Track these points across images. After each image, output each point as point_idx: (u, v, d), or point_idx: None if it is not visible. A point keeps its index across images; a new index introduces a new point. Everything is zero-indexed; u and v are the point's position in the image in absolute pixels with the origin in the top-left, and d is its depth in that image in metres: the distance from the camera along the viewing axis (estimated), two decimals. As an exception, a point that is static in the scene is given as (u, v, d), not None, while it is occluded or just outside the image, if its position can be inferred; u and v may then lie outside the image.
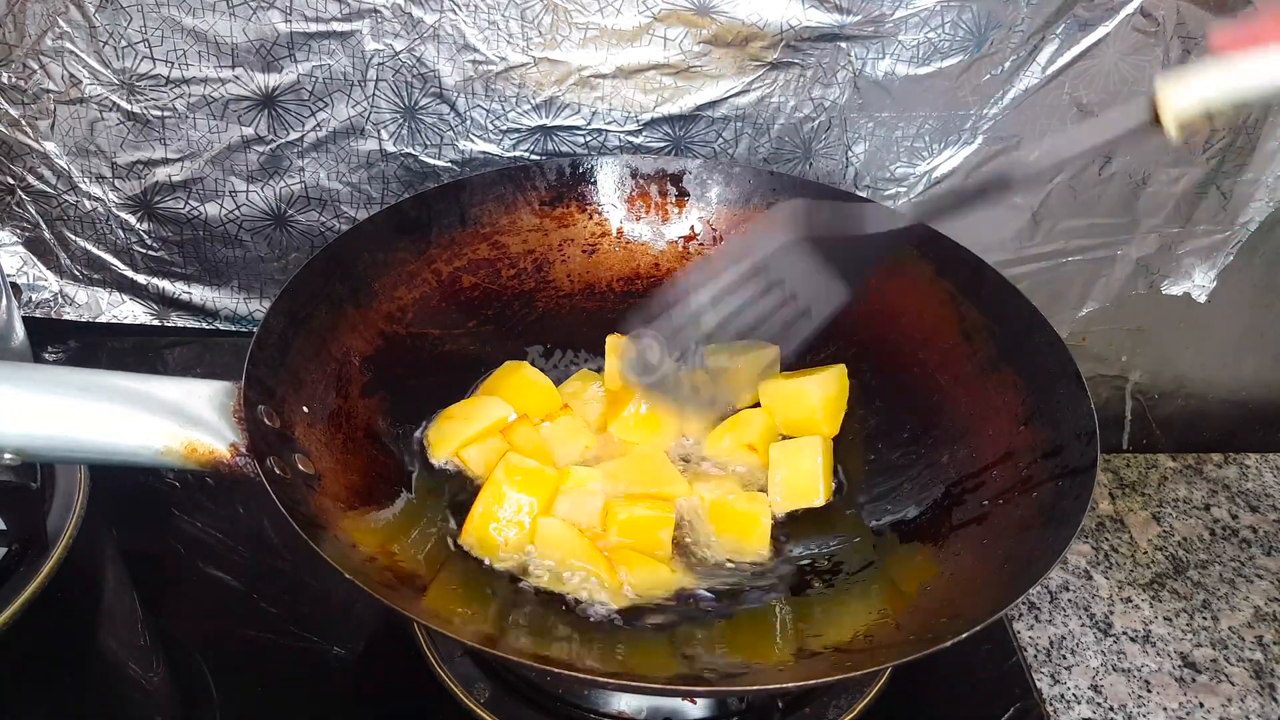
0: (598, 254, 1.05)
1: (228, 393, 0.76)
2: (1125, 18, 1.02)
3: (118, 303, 1.15)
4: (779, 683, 0.76)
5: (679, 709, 0.82)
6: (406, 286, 0.96)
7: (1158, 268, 1.20)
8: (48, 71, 1.00)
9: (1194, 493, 1.12)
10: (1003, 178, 0.75)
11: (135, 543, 0.96)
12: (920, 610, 0.77)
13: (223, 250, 1.13)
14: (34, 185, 1.07)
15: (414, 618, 0.70)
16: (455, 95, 1.04)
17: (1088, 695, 0.91)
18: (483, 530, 0.84)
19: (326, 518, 0.76)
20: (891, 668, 0.81)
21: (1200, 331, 1.25)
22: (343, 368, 0.89)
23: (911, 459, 0.92)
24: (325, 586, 0.92)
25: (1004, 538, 0.80)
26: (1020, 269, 1.17)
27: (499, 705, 0.82)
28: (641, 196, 1.05)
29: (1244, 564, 1.04)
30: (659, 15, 1.00)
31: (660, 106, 1.06)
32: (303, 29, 0.99)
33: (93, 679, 0.85)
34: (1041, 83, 1.05)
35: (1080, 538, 1.04)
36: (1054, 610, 0.98)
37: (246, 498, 0.98)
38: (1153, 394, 1.30)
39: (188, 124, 1.04)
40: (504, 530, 0.84)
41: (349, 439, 0.85)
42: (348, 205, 1.11)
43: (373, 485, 0.84)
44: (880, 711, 0.84)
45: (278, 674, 0.86)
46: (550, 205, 1.04)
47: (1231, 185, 1.14)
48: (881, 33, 1.02)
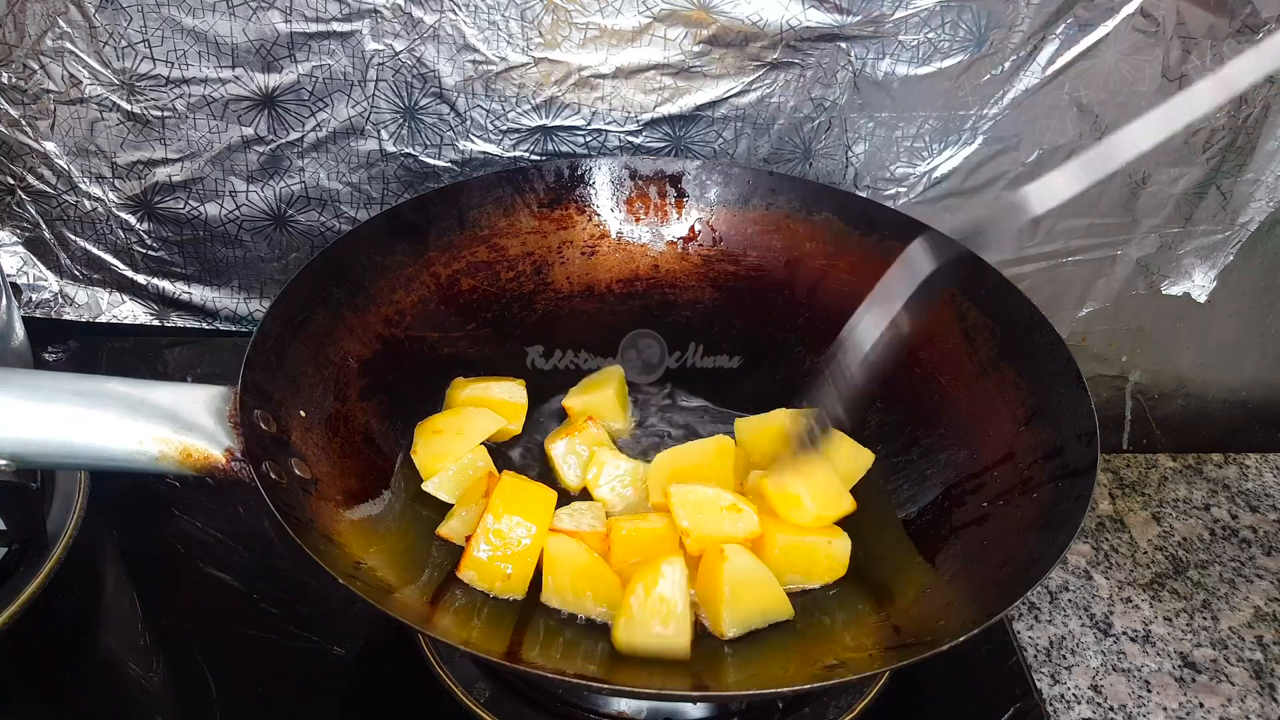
0: (597, 256, 1.05)
1: (223, 397, 0.76)
2: (1125, 18, 1.02)
3: (118, 303, 1.15)
4: (779, 686, 0.76)
5: (679, 709, 0.82)
6: (404, 290, 0.96)
7: (1158, 268, 1.20)
8: (48, 71, 1.00)
9: (1194, 493, 1.12)
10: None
11: (135, 543, 0.96)
12: (920, 612, 0.77)
13: (223, 250, 1.13)
14: (34, 185, 1.07)
15: (415, 626, 0.70)
16: (455, 95, 1.04)
17: (1088, 695, 0.91)
18: (483, 565, 0.80)
19: (324, 522, 0.76)
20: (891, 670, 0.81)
21: (1200, 331, 1.25)
22: (340, 371, 0.89)
23: (911, 459, 0.91)
24: (325, 586, 0.92)
25: (1004, 539, 0.79)
26: (1020, 269, 1.17)
27: (499, 705, 0.82)
28: (640, 198, 1.05)
29: (1244, 564, 1.04)
30: (659, 15, 1.00)
31: (660, 107, 1.06)
32: (303, 29, 0.99)
33: (93, 679, 0.85)
34: (1041, 83, 1.05)
35: (1080, 538, 1.04)
36: (1054, 610, 0.98)
37: (246, 498, 0.98)
38: (1153, 394, 1.30)
39: (188, 124, 1.04)
40: (504, 562, 0.79)
41: (346, 443, 0.85)
42: (348, 205, 1.11)
43: (370, 489, 0.84)
44: (880, 711, 0.84)
45: (278, 674, 0.86)
46: (549, 207, 1.04)
47: (1231, 185, 1.14)
48: (881, 33, 1.02)
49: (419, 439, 0.90)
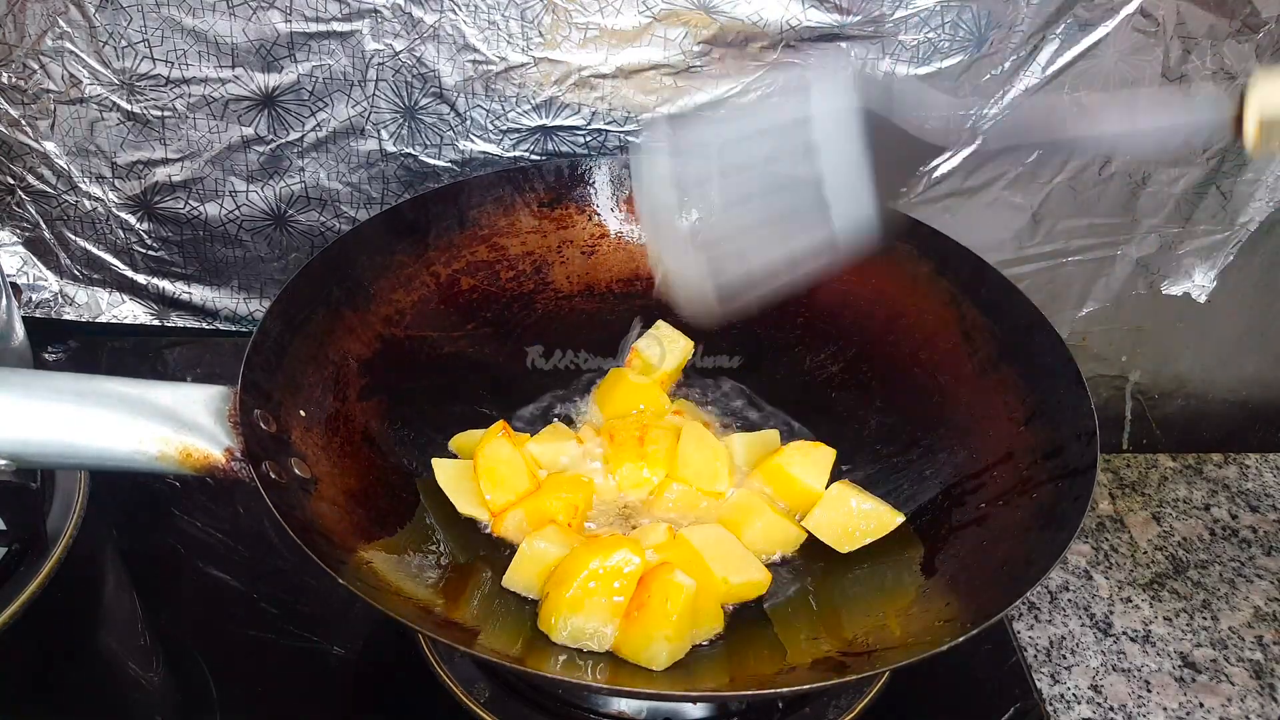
0: (597, 255, 1.05)
1: (223, 397, 0.76)
2: (1125, 18, 1.02)
3: (118, 303, 1.15)
4: (778, 687, 0.76)
5: (679, 710, 0.82)
6: (404, 289, 0.96)
7: (1158, 268, 1.20)
8: (48, 71, 1.00)
9: (1194, 493, 1.12)
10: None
11: (135, 543, 0.96)
12: (920, 612, 0.77)
13: (223, 250, 1.13)
14: (34, 185, 1.07)
15: (420, 629, 0.70)
16: (455, 95, 1.04)
17: (1088, 695, 0.91)
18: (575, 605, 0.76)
19: (325, 522, 0.76)
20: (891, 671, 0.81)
21: (1200, 331, 1.25)
22: (340, 371, 0.89)
23: (911, 460, 0.91)
24: (325, 586, 0.91)
25: (1004, 539, 0.80)
26: (1020, 269, 1.17)
27: (499, 705, 0.82)
28: (641, 197, 1.05)
29: (1244, 564, 1.04)
30: (659, 15, 1.00)
31: (660, 107, 1.06)
32: (303, 29, 0.99)
33: (93, 679, 0.85)
34: (1041, 83, 1.05)
35: (1080, 538, 1.04)
36: (1054, 610, 0.98)
37: (246, 498, 0.98)
38: (1153, 394, 1.30)
39: (188, 124, 1.04)
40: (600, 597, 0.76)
41: (346, 442, 0.85)
42: (348, 205, 1.11)
43: (370, 489, 0.84)
44: (880, 711, 0.84)
45: (278, 674, 0.86)
46: (549, 207, 1.04)
47: (1231, 185, 1.14)
48: (881, 33, 1.02)
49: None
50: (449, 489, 0.86)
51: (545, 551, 0.79)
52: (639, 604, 0.74)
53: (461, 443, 0.92)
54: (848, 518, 0.85)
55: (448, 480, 0.86)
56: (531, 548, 0.80)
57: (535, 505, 0.84)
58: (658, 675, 0.73)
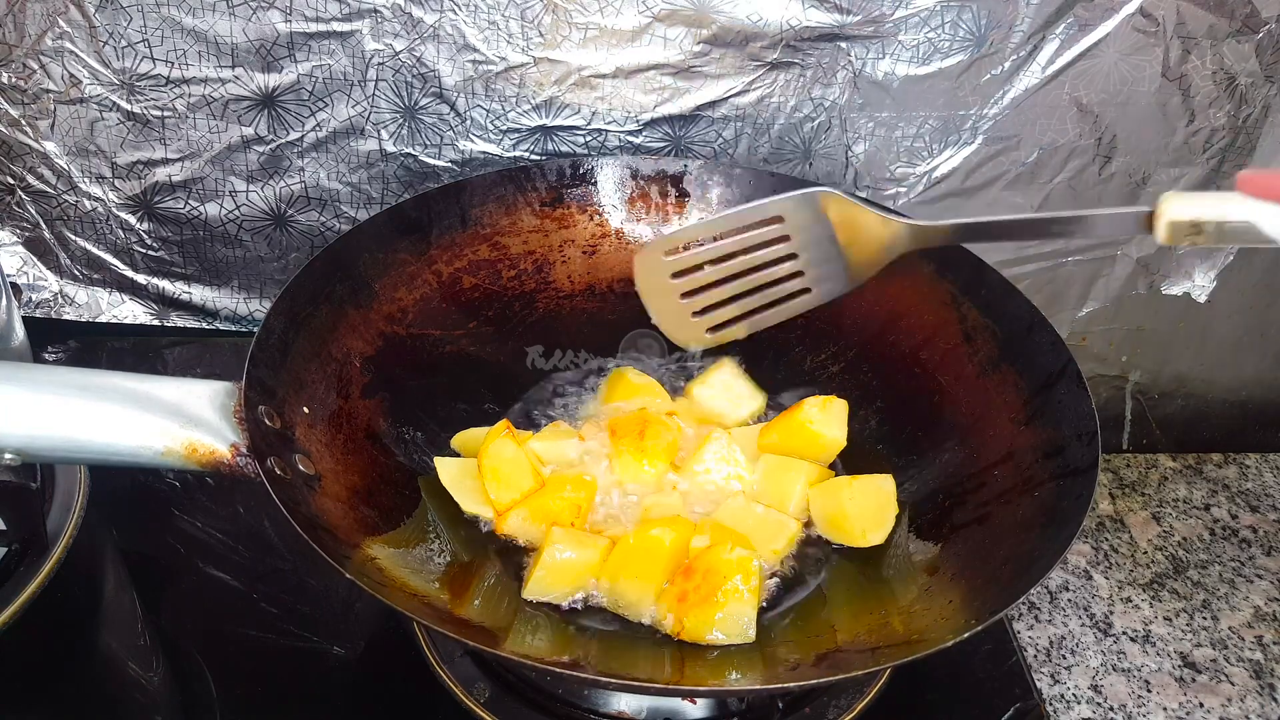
0: (598, 255, 1.05)
1: (228, 393, 0.76)
2: (1125, 18, 1.02)
3: (118, 303, 1.15)
4: (779, 683, 0.76)
5: (679, 709, 0.82)
6: (407, 287, 0.96)
7: (1158, 268, 1.20)
8: (48, 71, 1.00)
9: (1194, 493, 1.12)
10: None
11: (135, 543, 0.96)
12: (920, 611, 0.77)
13: (223, 250, 1.13)
14: (34, 185, 1.07)
15: (422, 620, 0.70)
16: (455, 95, 1.04)
17: (1088, 695, 0.91)
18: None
19: (330, 519, 0.76)
20: (891, 668, 0.81)
21: (1200, 331, 1.25)
22: (343, 368, 0.89)
23: (912, 459, 0.91)
24: (325, 586, 0.92)
25: (1004, 538, 0.80)
26: (1020, 269, 1.17)
27: (499, 705, 0.82)
28: (642, 197, 1.05)
29: (1244, 564, 1.04)
30: (659, 15, 1.00)
31: (660, 106, 1.06)
32: (303, 29, 0.99)
33: (93, 679, 0.85)
34: (1041, 83, 1.05)
35: (1080, 538, 1.04)
36: (1054, 610, 0.98)
37: (246, 498, 0.98)
38: (1153, 394, 1.30)
39: (188, 124, 1.04)
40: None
41: (349, 439, 0.85)
42: (348, 205, 1.11)
43: (373, 486, 0.84)
44: (880, 711, 0.84)
45: (278, 674, 0.86)
46: (550, 206, 1.04)
47: (1232, 185, 1.14)
48: (881, 33, 1.02)
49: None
50: (453, 488, 0.86)
51: (572, 560, 0.80)
52: (707, 590, 0.78)
53: (464, 441, 0.92)
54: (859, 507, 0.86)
55: (452, 479, 0.86)
56: (555, 557, 0.80)
57: (538, 504, 0.84)
58: (659, 669, 0.73)
